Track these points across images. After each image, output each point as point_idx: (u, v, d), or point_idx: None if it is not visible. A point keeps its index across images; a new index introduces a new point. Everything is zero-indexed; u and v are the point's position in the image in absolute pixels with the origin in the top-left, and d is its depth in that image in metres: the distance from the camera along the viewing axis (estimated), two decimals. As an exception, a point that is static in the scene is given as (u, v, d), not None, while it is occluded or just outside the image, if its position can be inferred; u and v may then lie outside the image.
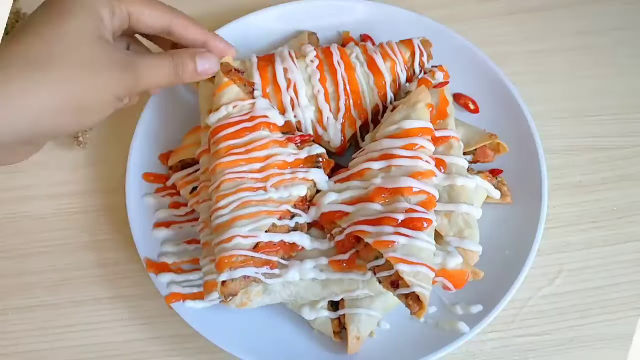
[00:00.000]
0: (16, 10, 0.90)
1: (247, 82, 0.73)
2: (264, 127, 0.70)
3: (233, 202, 0.67)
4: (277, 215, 0.67)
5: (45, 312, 0.79)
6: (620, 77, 0.92)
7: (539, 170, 0.79)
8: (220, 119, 0.71)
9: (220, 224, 0.67)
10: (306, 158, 0.71)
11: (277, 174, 0.68)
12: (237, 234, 0.65)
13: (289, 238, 0.68)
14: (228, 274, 0.65)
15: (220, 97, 0.71)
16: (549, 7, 0.97)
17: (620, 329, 0.79)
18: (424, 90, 0.76)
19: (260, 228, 0.66)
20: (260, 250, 0.66)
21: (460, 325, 0.73)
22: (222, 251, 0.65)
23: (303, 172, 0.70)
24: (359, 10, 0.90)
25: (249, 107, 0.71)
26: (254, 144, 0.69)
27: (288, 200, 0.68)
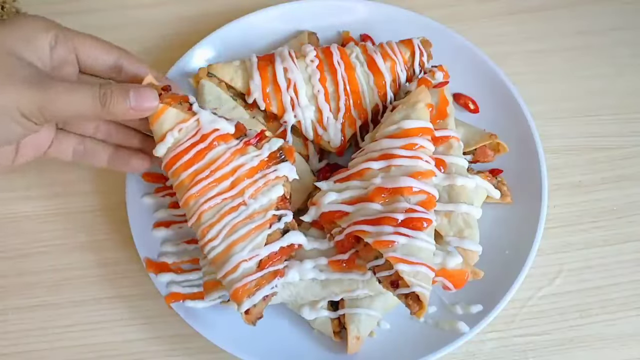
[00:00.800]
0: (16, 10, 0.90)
1: (181, 98, 0.68)
2: (218, 142, 0.67)
3: (222, 230, 0.65)
4: (267, 225, 0.66)
5: (45, 312, 0.79)
6: (620, 77, 0.92)
7: (539, 170, 0.79)
8: (170, 148, 0.67)
9: (217, 255, 0.66)
10: (269, 156, 0.68)
11: (249, 184, 0.67)
12: (240, 260, 0.64)
13: (285, 241, 0.67)
14: (249, 302, 0.64)
15: (160, 126, 0.67)
16: (549, 7, 0.97)
17: (620, 329, 0.79)
18: (424, 90, 0.76)
19: (258, 245, 0.65)
20: (266, 266, 0.65)
21: (460, 325, 0.73)
22: (233, 282, 0.64)
23: (272, 171, 0.67)
24: (359, 10, 0.90)
25: (195, 125, 0.67)
26: (216, 163, 0.66)
27: (270, 206, 0.67)
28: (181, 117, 0.67)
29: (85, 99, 0.60)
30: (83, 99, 0.60)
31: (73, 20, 0.94)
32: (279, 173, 0.67)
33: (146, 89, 0.64)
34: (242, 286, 0.64)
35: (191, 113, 0.67)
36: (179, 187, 0.67)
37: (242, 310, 0.64)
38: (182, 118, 0.67)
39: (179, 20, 0.96)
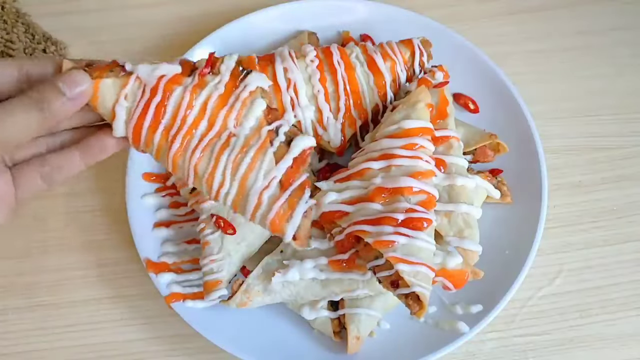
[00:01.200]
0: (15, 10, 0.90)
1: (109, 66, 0.59)
2: (171, 87, 0.59)
3: (225, 171, 0.59)
4: (268, 143, 0.60)
5: (45, 312, 0.79)
6: (620, 77, 0.92)
7: (539, 170, 0.79)
8: (126, 120, 0.59)
9: (234, 199, 0.60)
10: (231, 75, 0.61)
11: (227, 113, 0.60)
12: (259, 190, 0.59)
13: (295, 151, 0.60)
14: (292, 227, 0.59)
15: (104, 103, 0.58)
16: (549, 7, 0.97)
17: (620, 329, 0.79)
18: (424, 90, 0.76)
19: (270, 167, 0.59)
20: (288, 183, 0.59)
21: (460, 325, 0.73)
22: (265, 216, 0.59)
23: (242, 89, 0.60)
24: (359, 10, 0.90)
25: (139, 84, 0.59)
26: (181, 110, 0.59)
27: (260, 123, 0.60)
28: (119, 83, 0.58)
29: (27, 113, 0.53)
30: (26, 116, 0.53)
31: (73, 20, 0.95)
32: (250, 87, 0.61)
33: (71, 72, 0.56)
34: (276, 215, 0.58)
35: (127, 74, 0.59)
36: (158, 154, 0.60)
37: (289, 238, 0.59)
38: (121, 84, 0.58)
39: (179, 20, 0.96)
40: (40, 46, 0.89)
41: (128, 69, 0.58)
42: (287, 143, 0.60)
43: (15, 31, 0.88)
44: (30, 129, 0.54)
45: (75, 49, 0.92)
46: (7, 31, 0.87)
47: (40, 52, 0.88)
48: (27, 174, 0.60)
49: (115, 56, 0.91)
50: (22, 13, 0.91)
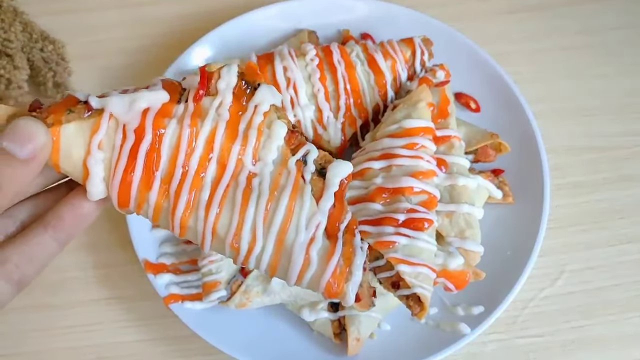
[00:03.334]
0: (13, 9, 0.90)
1: (66, 104, 0.43)
2: (162, 123, 0.43)
3: (255, 228, 0.44)
4: (300, 180, 0.45)
5: (44, 313, 0.78)
6: (622, 76, 0.92)
7: (541, 170, 0.79)
8: (106, 178, 0.43)
9: (271, 263, 0.44)
10: (235, 94, 0.45)
11: (241, 148, 0.44)
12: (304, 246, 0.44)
13: (333, 184, 0.45)
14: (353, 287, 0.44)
15: (69, 159, 0.42)
16: (551, 6, 0.96)
17: (622, 330, 0.78)
18: (425, 89, 0.76)
19: (312, 213, 0.44)
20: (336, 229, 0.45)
21: (462, 326, 0.73)
22: (318, 279, 0.44)
23: (253, 112, 0.45)
24: (360, 9, 0.90)
25: (115, 125, 0.43)
26: (180, 153, 0.43)
27: (285, 154, 0.45)
28: (87, 127, 0.42)
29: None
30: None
31: (71, 18, 0.95)
32: (263, 107, 0.45)
33: (18, 123, 0.39)
34: (332, 275, 0.43)
35: (96, 112, 0.43)
36: (157, 215, 0.44)
37: (351, 301, 0.45)
38: (90, 128, 0.42)
39: (178, 18, 0.95)
40: (37, 45, 0.88)
41: (95, 106, 0.43)
42: (319, 173, 0.46)
43: (13, 30, 0.87)
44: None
45: (73, 48, 0.91)
46: (4, 30, 0.87)
47: (38, 52, 0.88)
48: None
49: (113, 55, 0.93)
50: (20, 12, 0.90)
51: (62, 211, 0.44)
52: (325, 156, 0.46)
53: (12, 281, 0.43)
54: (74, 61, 0.90)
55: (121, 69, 0.92)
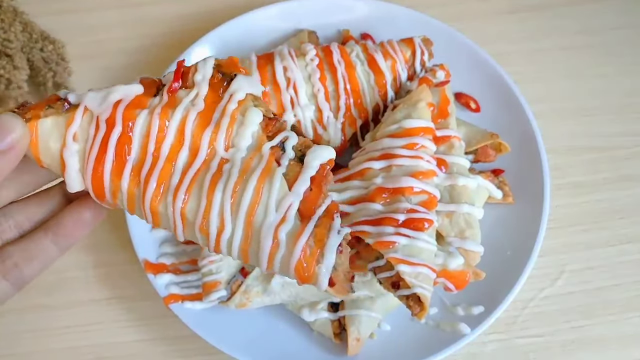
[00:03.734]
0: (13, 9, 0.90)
1: (47, 102, 0.44)
2: (134, 114, 0.44)
3: (223, 211, 0.43)
4: (273, 164, 0.44)
5: (43, 313, 0.78)
6: (623, 76, 0.92)
7: (541, 170, 0.79)
8: (80, 169, 0.44)
9: (241, 246, 0.43)
10: (211, 85, 0.45)
11: (212, 135, 0.44)
12: (273, 227, 0.42)
13: (311, 168, 0.44)
14: (325, 270, 0.43)
15: (47, 150, 0.43)
16: (551, 6, 0.96)
17: (622, 330, 0.78)
18: (425, 89, 0.76)
19: (282, 195, 0.43)
20: (310, 211, 0.43)
21: (462, 326, 0.73)
22: (287, 261, 0.43)
23: (228, 100, 0.45)
24: (359, 9, 0.90)
25: (90, 117, 0.44)
26: (150, 141, 0.44)
27: (259, 140, 0.45)
28: (63, 121, 0.43)
29: None
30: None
31: (70, 18, 0.95)
32: (238, 95, 0.45)
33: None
34: (301, 256, 0.42)
35: (73, 108, 0.44)
36: (131, 204, 0.44)
37: (324, 286, 0.43)
38: (66, 121, 0.43)
39: (178, 18, 0.95)
40: (37, 45, 0.88)
41: (73, 101, 0.44)
42: (299, 159, 0.45)
43: (13, 30, 0.87)
44: None
45: (73, 48, 0.91)
46: (4, 30, 0.87)
47: (38, 52, 0.88)
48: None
49: (113, 54, 0.93)
50: (20, 12, 0.90)
51: (63, 217, 0.45)
52: (304, 142, 0.45)
53: (11, 279, 0.44)
54: (74, 61, 0.90)
55: (121, 69, 0.92)
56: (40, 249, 0.45)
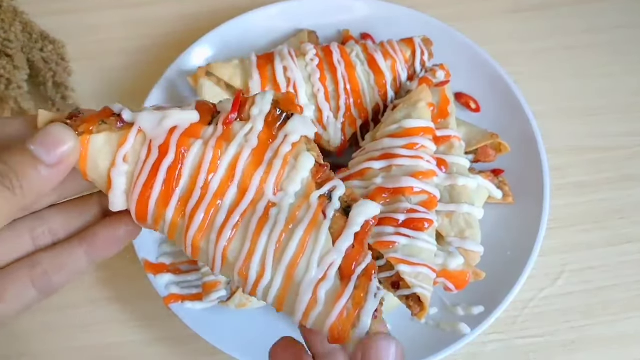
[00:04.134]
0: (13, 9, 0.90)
1: (100, 115, 0.43)
2: (187, 143, 0.43)
3: (265, 258, 0.42)
4: (320, 215, 0.43)
5: (43, 314, 0.78)
6: (623, 76, 0.92)
7: (541, 170, 0.78)
8: (127, 190, 0.43)
9: (279, 295, 0.43)
10: (267, 122, 0.44)
11: (264, 175, 0.43)
12: (314, 284, 0.42)
13: (355, 224, 0.43)
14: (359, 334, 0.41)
15: (95, 168, 0.43)
16: (552, 5, 0.96)
17: (623, 330, 0.78)
18: (425, 89, 0.76)
19: (326, 251, 0.42)
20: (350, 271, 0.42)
21: (462, 326, 0.73)
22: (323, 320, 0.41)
23: (282, 141, 0.44)
24: (359, 9, 0.89)
25: (142, 140, 0.43)
26: (201, 174, 0.43)
27: (308, 188, 0.44)
28: (115, 139, 0.43)
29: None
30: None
31: (71, 18, 0.95)
32: (293, 138, 0.44)
33: (48, 128, 0.40)
34: (337, 319, 0.41)
35: (126, 126, 0.43)
36: (173, 233, 0.44)
37: (352, 350, 0.42)
38: (118, 140, 0.43)
39: (178, 18, 0.95)
40: (37, 45, 0.88)
41: (127, 119, 0.43)
42: (344, 211, 0.44)
43: (13, 30, 0.87)
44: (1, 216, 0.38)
45: (73, 48, 0.91)
46: (4, 30, 0.87)
47: (38, 52, 0.88)
48: (11, 279, 0.43)
49: (113, 55, 0.93)
50: (20, 12, 0.90)
51: (99, 230, 0.45)
52: (352, 194, 0.44)
53: (39, 286, 0.43)
54: (74, 61, 0.90)
55: (121, 69, 0.92)
56: (71, 259, 0.44)
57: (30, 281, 0.43)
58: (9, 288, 0.43)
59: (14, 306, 0.43)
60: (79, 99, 0.88)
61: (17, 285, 0.43)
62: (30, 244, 0.44)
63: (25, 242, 0.44)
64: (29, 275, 0.43)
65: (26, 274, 0.43)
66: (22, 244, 0.44)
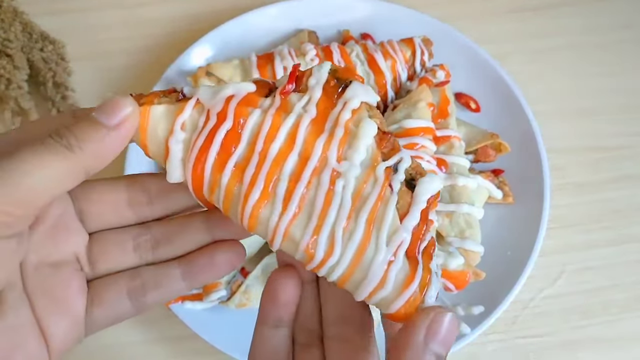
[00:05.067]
0: (13, 9, 0.90)
1: (162, 92, 0.44)
2: (246, 111, 0.42)
3: (334, 234, 0.40)
4: (387, 189, 0.40)
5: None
6: (624, 76, 0.92)
7: (541, 170, 0.78)
8: (183, 159, 0.42)
9: (344, 274, 0.40)
10: (325, 90, 0.42)
11: (326, 143, 0.41)
12: (385, 264, 0.39)
13: (422, 200, 0.40)
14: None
15: (154, 137, 0.42)
16: (552, 5, 0.96)
17: (622, 330, 0.78)
18: (425, 89, 0.76)
19: (395, 229, 0.40)
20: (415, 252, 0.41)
21: (462, 326, 0.72)
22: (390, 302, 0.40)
23: (342, 108, 0.41)
24: (359, 9, 0.89)
25: (201, 109, 0.42)
26: (259, 140, 0.41)
27: (374, 156, 0.41)
28: (174, 109, 0.43)
29: (53, 154, 0.38)
30: (52, 156, 0.38)
31: (71, 18, 0.95)
32: (353, 104, 0.41)
33: (111, 98, 0.41)
34: (406, 302, 0.39)
35: (185, 99, 0.43)
36: (228, 202, 0.42)
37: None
38: (176, 109, 0.43)
39: (178, 18, 0.95)
40: (37, 45, 0.88)
41: (186, 92, 0.43)
42: (408, 183, 0.41)
43: (13, 30, 0.87)
44: (59, 175, 0.38)
45: (73, 48, 0.91)
46: (4, 30, 0.87)
47: (38, 52, 0.88)
48: (109, 286, 0.44)
49: (113, 55, 0.93)
50: (20, 12, 0.90)
51: (198, 255, 0.45)
52: (417, 167, 0.42)
53: (134, 298, 0.44)
54: (74, 61, 0.90)
55: (121, 69, 0.92)
56: (169, 279, 0.44)
57: (127, 292, 0.43)
58: (106, 294, 0.43)
59: (107, 313, 0.43)
60: (79, 99, 0.88)
61: (114, 293, 0.43)
62: (133, 256, 0.45)
63: (128, 253, 0.45)
64: (126, 286, 0.43)
65: (125, 283, 0.43)
66: (126, 255, 0.44)
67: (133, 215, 0.45)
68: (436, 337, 0.38)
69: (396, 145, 0.42)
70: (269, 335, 0.46)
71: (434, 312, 0.38)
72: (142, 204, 0.45)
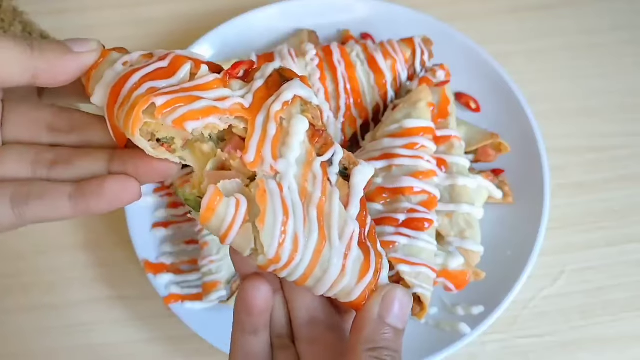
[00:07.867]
0: (13, 8, 0.90)
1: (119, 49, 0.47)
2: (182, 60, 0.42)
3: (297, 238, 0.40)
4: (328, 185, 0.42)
5: (43, 313, 0.78)
6: (624, 76, 0.92)
7: (541, 170, 0.78)
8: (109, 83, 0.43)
9: (306, 272, 0.41)
10: (265, 83, 0.42)
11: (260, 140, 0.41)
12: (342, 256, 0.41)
13: (358, 190, 0.42)
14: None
15: (101, 69, 0.45)
16: (552, 6, 0.96)
17: (622, 330, 0.78)
18: (425, 89, 0.76)
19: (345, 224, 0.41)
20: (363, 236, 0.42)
21: (462, 326, 0.73)
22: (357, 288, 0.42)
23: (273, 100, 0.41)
24: (359, 9, 0.89)
25: (149, 57, 0.44)
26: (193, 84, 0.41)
27: (308, 155, 0.42)
28: (121, 57, 0.45)
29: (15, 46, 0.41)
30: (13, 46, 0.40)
31: (70, 18, 0.95)
32: (286, 96, 0.41)
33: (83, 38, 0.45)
34: (366, 288, 0.42)
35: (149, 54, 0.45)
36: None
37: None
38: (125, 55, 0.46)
39: (178, 18, 0.95)
40: (37, 45, 0.88)
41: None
42: (342, 174, 0.43)
43: (13, 29, 0.87)
44: (9, 59, 0.40)
45: (73, 48, 0.91)
46: (4, 30, 0.87)
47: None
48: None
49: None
50: (20, 11, 0.90)
51: (88, 181, 0.44)
52: (349, 156, 0.43)
53: (16, 205, 0.43)
54: (74, 61, 0.90)
55: (121, 68, 0.92)
56: (54, 194, 0.44)
57: (10, 198, 0.43)
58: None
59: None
60: (78, 98, 0.88)
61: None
62: (28, 169, 0.45)
63: (25, 166, 0.45)
64: (12, 192, 0.43)
65: (11, 189, 0.43)
66: (22, 167, 0.44)
67: (48, 138, 0.46)
68: (390, 311, 0.41)
69: (329, 140, 0.42)
70: (248, 342, 0.48)
71: (385, 289, 0.42)
72: (60, 131, 0.46)
